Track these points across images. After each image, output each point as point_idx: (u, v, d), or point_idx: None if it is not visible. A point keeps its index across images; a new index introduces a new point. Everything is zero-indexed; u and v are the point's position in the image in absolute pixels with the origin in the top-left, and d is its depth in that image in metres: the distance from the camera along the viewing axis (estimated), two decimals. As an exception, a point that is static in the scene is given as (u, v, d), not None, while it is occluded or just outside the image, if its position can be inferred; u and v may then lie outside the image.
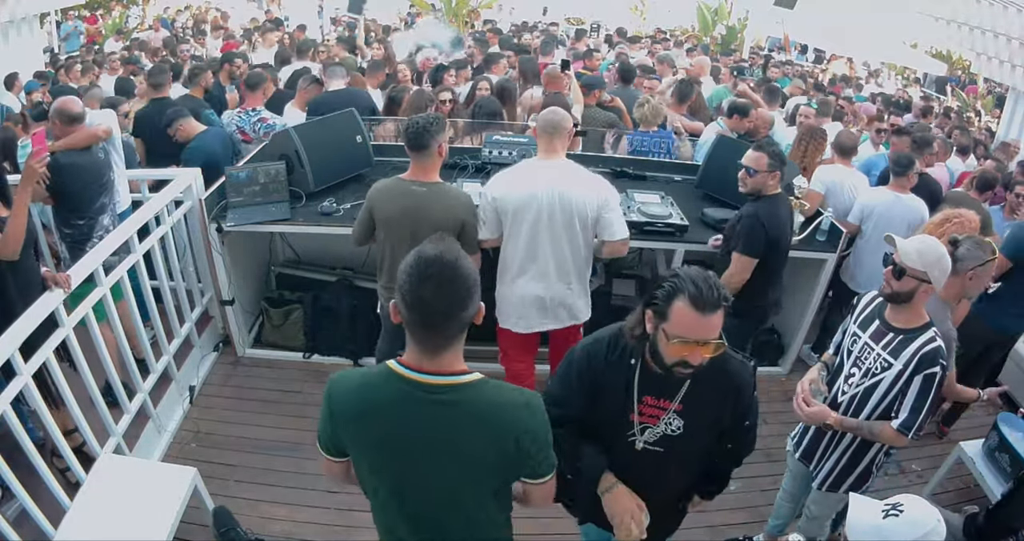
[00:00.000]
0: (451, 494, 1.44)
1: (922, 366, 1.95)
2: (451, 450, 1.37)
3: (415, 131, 2.59)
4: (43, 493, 2.33)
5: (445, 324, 1.30)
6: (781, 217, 2.96)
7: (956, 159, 5.51)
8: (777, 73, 8.82)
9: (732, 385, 1.70)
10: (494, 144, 3.87)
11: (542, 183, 2.68)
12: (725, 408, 1.71)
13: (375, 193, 2.73)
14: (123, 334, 2.87)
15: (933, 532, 1.48)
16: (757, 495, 3.02)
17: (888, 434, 2.02)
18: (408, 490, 1.45)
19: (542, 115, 2.81)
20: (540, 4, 15.15)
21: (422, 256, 1.29)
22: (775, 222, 2.91)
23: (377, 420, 1.37)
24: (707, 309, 1.48)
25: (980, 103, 12.10)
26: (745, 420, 1.77)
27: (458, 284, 1.28)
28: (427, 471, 1.40)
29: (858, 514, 1.57)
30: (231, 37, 9.63)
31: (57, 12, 9.88)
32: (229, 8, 13.54)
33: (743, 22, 13.67)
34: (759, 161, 2.85)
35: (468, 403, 1.35)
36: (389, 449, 1.40)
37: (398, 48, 6.86)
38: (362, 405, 1.38)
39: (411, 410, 1.35)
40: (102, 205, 3.28)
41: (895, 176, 3.63)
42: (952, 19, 7.60)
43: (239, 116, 4.30)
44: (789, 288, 3.96)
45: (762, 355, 3.96)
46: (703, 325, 1.49)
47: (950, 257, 2.02)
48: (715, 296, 1.48)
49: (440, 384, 1.33)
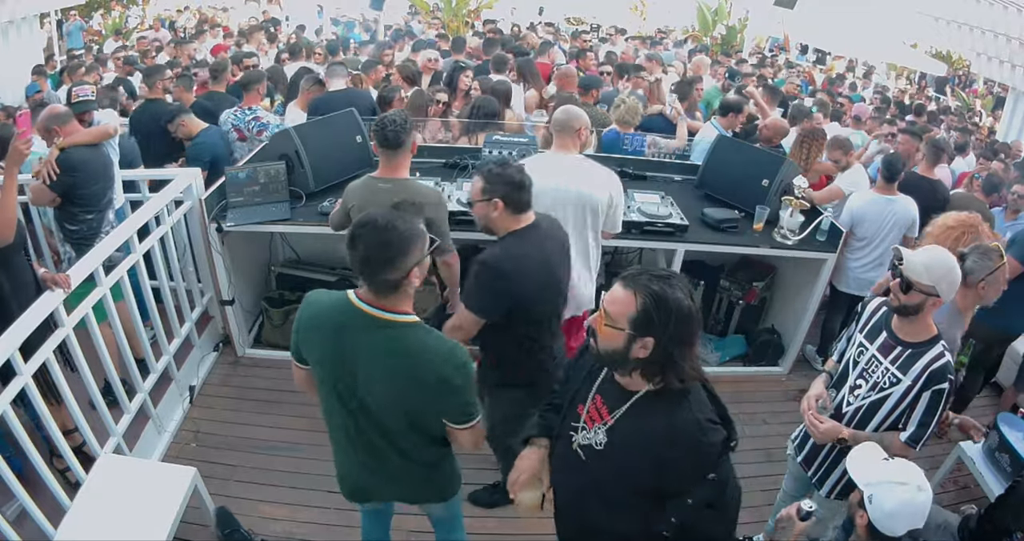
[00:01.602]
0: (379, 411, 1.70)
1: (931, 382, 1.95)
2: (380, 373, 1.63)
3: (393, 129, 2.57)
4: (43, 493, 2.33)
5: (373, 277, 1.58)
6: (527, 262, 2.17)
7: (957, 159, 5.52)
8: (769, 72, 8.80)
9: (670, 438, 1.44)
10: (494, 144, 3.87)
11: (559, 176, 2.70)
12: (657, 463, 1.46)
13: (349, 192, 2.72)
14: (123, 334, 2.87)
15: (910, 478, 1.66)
16: (757, 495, 3.01)
17: (897, 446, 2.03)
18: (345, 401, 1.72)
19: (554, 114, 2.84)
20: (538, 4, 15.14)
21: (359, 220, 1.57)
22: (516, 267, 2.13)
23: (326, 334, 1.66)
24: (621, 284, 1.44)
25: (980, 103, 12.10)
26: (689, 497, 1.48)
27: (382, 248, 1.54)
28: (361, 388, 1.67)
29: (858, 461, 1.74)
30: (231, 36, 9.63)
31: (57, 12, 9.88)
32: (230, 8, 13.54)
33: (743, 22, 13.67)
34: (473, 188, 2.20)
35: (399, 338, 1.62)
36: (331, 362, 1.68)
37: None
38: (317, 320, 1.68)
39: (354, 333, 1.63)
40: (109, 200, 3.33)
41: (886, 181, 3.61)
42: (952, 19, 7.60)
43: (234, 115, 4.31)
44: (789, 288, 3.98)
45: (762, 355, 3.97)
46: (609, 295, 1.45)
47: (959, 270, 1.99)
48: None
49: (380, 318, 1.61)
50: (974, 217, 2.67)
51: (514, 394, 2.40)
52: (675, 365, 1.42)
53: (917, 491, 1.64)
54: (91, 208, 3.22)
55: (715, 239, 3.49)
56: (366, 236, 1.54)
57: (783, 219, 3.50)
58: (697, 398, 1.49)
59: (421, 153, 4.05)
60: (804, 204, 3.45)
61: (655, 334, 1.39)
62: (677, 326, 1.39)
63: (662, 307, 1.38)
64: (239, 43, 8.56)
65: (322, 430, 1.88)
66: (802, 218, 3.49)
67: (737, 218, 3.61)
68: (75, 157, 3.08)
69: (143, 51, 7.77)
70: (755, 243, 3.53)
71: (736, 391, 3.80)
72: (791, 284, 3.98)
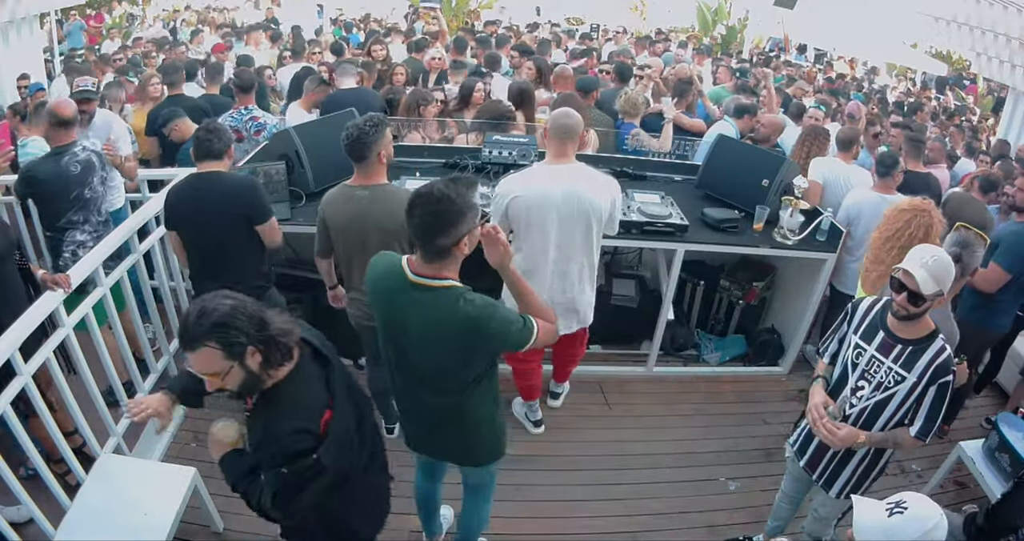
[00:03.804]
0: (428, 371, 1.90)
1: (936, 376, 1.98)
2: (426, 333, 1.81)
3: (350, 142, 2.48)
4: (43, 493, 2.33)
5: (426, 243, 1.74)
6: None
7: (966, 161, 5.53)
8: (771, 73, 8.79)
9: (264, 440, 1.59)
10: (494, 144, 3.87)
11: (558, 186, 2.64)
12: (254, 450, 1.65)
13: (324, 203, 2.64)
14: (123, 335, 2.87)
15: (937, 527, 1.50)
16: (757, 495, 3.02)
17: (908, 442, 2.07)
18: (401, 362, 1.94)
19: (553, 118, 2.73)
20: (535, 5, 15.13)
21: (419, 190, 1.73)
22: None
23: (380, 297, 1.90)
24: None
25: (980, 104, 12.09)
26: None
27: (436, 217, 1.70)
28: (413, 349, 1.86)
29: (864, 515, 1.58)
30: (229, 37, 9.61)
31: (57, 12, 9.88)
32: (230, 8, 13.51)
33: (743, 22, 13.67)
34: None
35: (437, 301, 1.78)
36: (387, 323, 1.91)
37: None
38: (373, 284, 1.92)
39: (403, 298, 1.82)
40: (70, 221, 3.09)
41: (880, 177, 3.60)
42: (952, 19, 7.59)
43: (231, 116, 4.32)
44: (789, 288, 3.98)
45: (762, 355, 3.97)
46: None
47: (956, 266, 2.04)
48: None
49: (422, 284, 1.79)
50: (927, 202, 2.70)
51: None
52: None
53: (941, 518, 1.54)
54: (48, 226, 3.13)
55: (715, 239, 3.49)
56: (422, 205, 1.70)
57: (783, 219, 3.50)
58: (304, 405, 1.60)
59: (421, 153, 4.06)
60: (804, 204, 3.45)
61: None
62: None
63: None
64: (230, 44, 8.53)
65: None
66: (802, 218, 3.49)
67: (737, 218, 3.61)
68: (34, 172, 2.98)
69: (144, 52, 7.75)
70: (755, 243, 3.53)
71: (736, 391, 3.81)
72: (791, 284, 3.98)
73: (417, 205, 1.71)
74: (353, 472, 1.77)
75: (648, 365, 3.82)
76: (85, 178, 3.10)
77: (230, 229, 2.72)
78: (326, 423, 1.59)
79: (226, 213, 2.70)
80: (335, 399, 1.64)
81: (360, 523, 1.93)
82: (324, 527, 1.82)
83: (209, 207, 2.68)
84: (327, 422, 1.59)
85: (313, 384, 1.63)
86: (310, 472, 1.55)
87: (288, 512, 1.63)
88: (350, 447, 1.71)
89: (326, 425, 1.58)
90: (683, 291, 4.11)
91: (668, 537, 2.84)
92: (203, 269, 2.84)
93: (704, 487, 3.09)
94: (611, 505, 2.95)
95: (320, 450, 1.55)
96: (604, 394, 3.67)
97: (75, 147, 3.09)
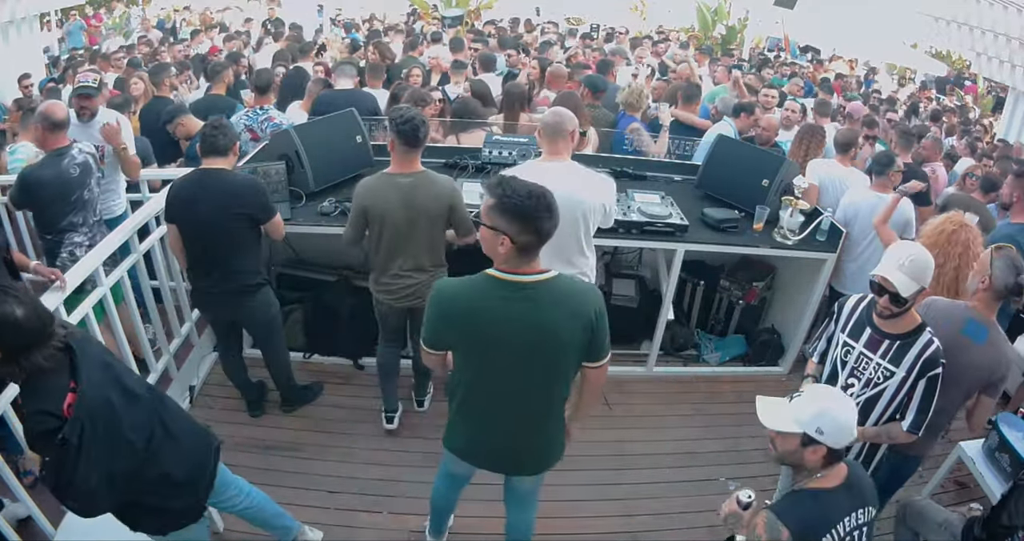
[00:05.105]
0: (535, 373, 1.86)
1: (926, 369, 1.99)
2: (538, 331, 1.79)
3: (413, 127, 2.60)
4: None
5: (549, 236, 1.76)
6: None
7: (967, 160, 5.53)
8: (771, 73, 8.79)
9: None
10: (494, 144, 3.88)
11: (549, 184, 2.64)
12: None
13: (365, 191, 2.70)
14: (123, 334, 2.87)
15: (831, 396, 1.72)
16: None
17: (901, 436, 2.07)
18: (494, 372, 1.89)
19: (544, 117, 2.77)
20: (534, 4, 15.12)
21: (532, 191, 1.74)
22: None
23: (469, 315, 1.82)
24: None
25: (980, 104, 12.09)
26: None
27: (556, 213, 1.76)
28: (513, 354, 1.82)
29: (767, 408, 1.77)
30: (231, 38, 9.60)
31: (57, 12, 9.89)
32: (231, 7, 13.50)
33: (743, 22, 13.66)
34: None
35: (549, 291, 1.79)
36: (477, 338, 1.84)
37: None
38: (457, 304, 1.82)
39: (507, 304, 1.78)
40: (70, 224, 3.11)
41: (876, 176, 3.60)
42: (952, 19, 7.60)
43: (247, 115, 4.31)
44: (789, 288, 3.98)
45: (762, 355, 3.97)
46: None
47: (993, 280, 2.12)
48: None
49: (523, 282, 1.77)
50: (958, 215, 2.76)
51: None
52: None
53: (841, 397, 1.74)
54: (44, 229, 3.13)
55: (715, 239, 3.49)
56: (553, 206, 1.75)
57: (783, 219, 3.50)
58: (43, 390, 1.67)
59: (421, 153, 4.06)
60: (804, 204, 3.45)
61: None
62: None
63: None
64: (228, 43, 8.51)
65: (322, 430, 1.89)
66: (802, 218, 3.49)
67: (737, 218, 3.61)
68: (31, 177, 2.97)
69: (146, 53, 7.76)
70: (755, 243, 3.53)
71: (736, 391, 3.81)
72: (791, 284, 3.98)
73: (552, 207, 1.75)
74: (135, 448, 1.82)
75: (648, 365, 3.82)
76: (84, 180, 3.12)
77: (229, 227, 2.73)
78: (69, 406, 1.66)
79: (227, 211, 2.71)
80: (78, 383, 1.69)
81: (168, 495, 1.96)
82: (131, 507, 1.92)
83: (210, 204, 2.69)
84: (71, 405, 1.66)
85: (54, 371, 1.70)
86: (63, 451, 1.63)
87: (64, 494, 1.71)
88: (112, 427, 1.75)
89: (70, 408, 1.66)
90: (683, 291, 4.11)
91: (668, 537, 2.85)
92: (198, 264, 2.86)
93: (704, 487, 3.09)
94: (611, 505, 2.96)
95: (65, 428, 1.63)
96: (604, 394, 3.67)
97: (72, 150, 3.09)
